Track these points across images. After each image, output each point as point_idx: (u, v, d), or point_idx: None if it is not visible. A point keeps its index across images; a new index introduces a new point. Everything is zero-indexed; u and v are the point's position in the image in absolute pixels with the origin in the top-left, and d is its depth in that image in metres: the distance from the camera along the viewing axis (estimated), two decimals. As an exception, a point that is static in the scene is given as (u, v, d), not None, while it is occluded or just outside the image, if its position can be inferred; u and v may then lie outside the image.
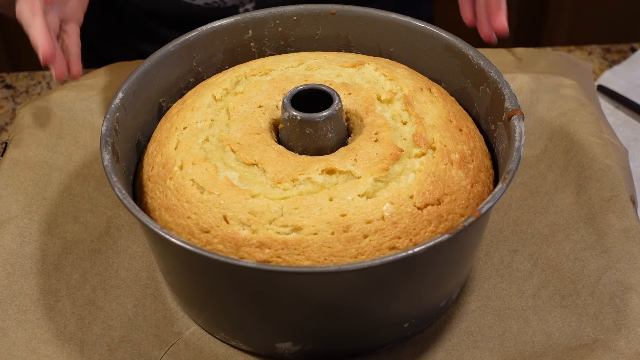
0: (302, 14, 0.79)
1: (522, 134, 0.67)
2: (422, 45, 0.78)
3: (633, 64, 1.01)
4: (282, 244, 0.63)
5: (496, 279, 0.75)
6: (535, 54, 0.94)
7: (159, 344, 0.71)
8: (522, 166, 0.83)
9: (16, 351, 0.69)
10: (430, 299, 0.69)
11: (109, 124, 0.69)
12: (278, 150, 0.68)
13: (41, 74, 1.02)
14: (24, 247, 0.76)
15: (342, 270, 0.59)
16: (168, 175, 0.68)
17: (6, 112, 0.97)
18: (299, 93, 0.69)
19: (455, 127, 0.71)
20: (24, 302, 0.73)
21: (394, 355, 0.70)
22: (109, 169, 0.66)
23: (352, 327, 0.68)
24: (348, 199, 0.65)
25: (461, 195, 0.67)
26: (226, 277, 0.64)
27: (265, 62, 0.76)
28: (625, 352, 0.68)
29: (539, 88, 0.89)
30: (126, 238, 0.78)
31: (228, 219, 0.65)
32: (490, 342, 0.71)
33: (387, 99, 0.71)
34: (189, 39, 0.77)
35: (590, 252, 0.75)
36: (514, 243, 0.77)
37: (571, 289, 0.73)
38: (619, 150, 0.83)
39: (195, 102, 0.73)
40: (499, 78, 0.72)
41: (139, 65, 0.74)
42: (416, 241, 0.65)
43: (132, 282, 0.75)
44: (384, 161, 0.66)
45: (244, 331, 0.69)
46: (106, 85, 0.89)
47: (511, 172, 0.65)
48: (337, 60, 0.76)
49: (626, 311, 0.71)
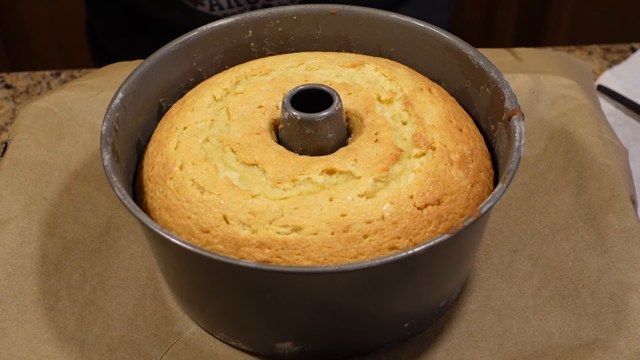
0: (302, 14, 0.79)
1: (522, 134, 0.67)
2: (422, 45, 0.78)
3: (633, 64, 1.01)
4: (282, 244, 0.63)
5: (496, 279, 0.75)
6: (535, 54, 0.94)
7: (159, 344, 0.71)
8: (522, 166, 0.83)
9: (16, 351, 0.69)
10: (430, 299, 0.69)
11: (109, 124, 0.69)
12: (278, 150, 0.68)
13: (41, 74, 1.02)
14: (24, 247, 0.76)
15: (342, 270, 0.60)
16: (168, 175, 0.68)
17: (6, 112, 0.97)
18: (299, 93, 0.69)
19: (455, 127, 0.71)
20: (24, 302, 0.73)
21: (394, 355, 0.70)
22: (109, 169, 0.66)
23: (352, 327, 0.68)
24: (348, 199, 0.65)
25: (461, 195, 0.67)
26: (226, 277, 0.64)
27: (265, 62, 0.76)
28: (625, 352, 0.68)
29: (539, 88, 0.88)
30: (126, 238, 0.78)
31: (228, 219, 0.65)
32: (490, 342, 0.71)
33: (387, 99, 0.71)
34: (189, 39, 0.77)
35: (590, 252, 0.75)
36: (514, 243, 0.77)
37: (571, 289, 0.73)
38: (619, 150, 0.83)
39: (195, 102, 0.73)
40: (499, 78, 0.72)
41: (139, 65, 0.74)
42: (416, 241, 0.65)
43: (132, 282, 0.75)
44: (384, 161, 0.66)
45: (244, 331, 0.69)
46: (106, 85, 0.89)
47: (511, 172, 0.65)
48: (337, 60, 0.76)
49: (626, 311, 0.71)
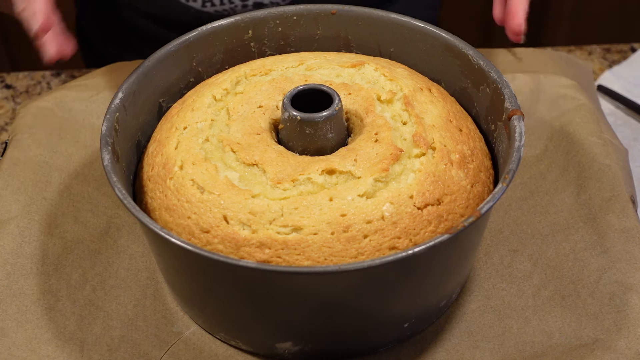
0: (302, 14, 0.79)
1: (522, 134, 0.67)
2: (422, 45, 0.78)
3: (633, 64, 1.01)
4: (282, 244, 0.63)
5: (496, 279, 0.75)
6: (535, 54, 0.94)
7: (159, 344, 0.71)
8: (522, 166, 0.83)
9: (16, 351, 0.69)
10: (430, 299, 0.69)
11: (109, 124, 0.69)
12: (278, 150, 0.68)
13: (41, 74, 1.02)
14: (24, 247, 0.76)
15: (342, 270, 0.59)
16: (168, 175, 0.68)
17: (6, 112, 0.97)
18: (299, 93, 0.69)
19: (455, 127, 0.70)
20: (24, 302, 0.73)
21: (394, 355, 0.70)
22: (109, 169, 0.66)
23: (352, 327, 0.68)
24: (348, 199, 0.64)
25: (461, 195, 0.67)
26: (226, 277, 0.64)
27: (265, 62, 0.76)
28: (625, 352, 0.68)
29: (539, 88, 0.88)
30: (126, 238, 0.78)
31: (228, 219, 0.65)
32: (490, 342, 0.70)
33: (387, 99, 0.71)
34: (189, 39, 0.77)
35: (590, 252, 0.75)
36: (514, 243, 0.77)
37: (571, 289, 0.73)
38: (619, 150, 0.83)
39: (195, 102, 0.73)
40: (499, 78, 0.72)
41: (139, 65, 0.74)
42: (416, 241, 0.65)
43: (132, 282, 0.75)
44: (384, 161, 0.66)
45: (244, 331, 0.69)
46: (106, 85, 0.89)
47: (511, 172, 0.64)
48: (337, 60, 0.76)
49: (626, 311, 0.71)
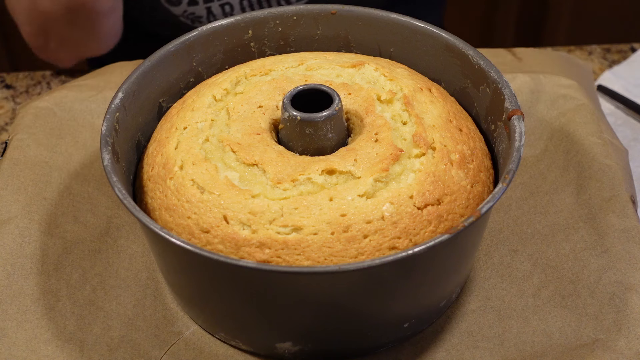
0: (302, 14, 0.79)
1: (522, 134, 0.67)
2: (422, 45, 0.78)
3: (633, 64, 1.01)
4: (282, 244, 0.63)
5: (496, 279, 0.75)
6: (535, 54, 0.94)
7: (159, 344, 0.71)
8: (522, 166, 0.83)
9: (16, 351, 0.69)
10: (430, 299, 0.69)
11: (109, 124, 0.69)
12: (278, 150, 0.68)
13: (41, 74, 1.02)
14: (24, 247, 0.76)
15: (342, 270, 0.59)
16: (168, 175, 0.68)
17: (6, 112, 0.97)
18: (299, 93, 0.69)
19: (455, 127, 0.70)
20: (24, 302, 0.73)
21: (394, 355, 0.70)
22: (109, 169, 0.66)
23: (352, 327, 0.68)
24: (348, 199, 0.64)
25: (461, 195, 0.67)
26: (226, 277, 0.64)
27: (265, 62, 0.76)
28: (625, 352, 0.68)
29: (539, 88, 0.88)
30: (126, 238, 0.78)
31: (228, 219, 0.65)
32: (490, 342, 0.70)
33: (387, 99, 0.71)
34: (189, 39, 0.77)
35: (590, 252, 0.75)
36: (514, 243, 0.77)
37: (571, 289, 0.73)
38: (619, 150, 0.83)
39: (196, 102, 0.73)
40: (499, 78, 0.72)
41: (139, 65, 0.74)
42: (416, 241, 0.65)
43: (132, 282, 0.75)
44: (384, 161, 0.66)
45: (244, 331, 0.69)
46: (106, 85, 0.89)
47: (511, 172, 0.64)
48: (337, 60, 0.76)
49: (626, 311, 0.71)
